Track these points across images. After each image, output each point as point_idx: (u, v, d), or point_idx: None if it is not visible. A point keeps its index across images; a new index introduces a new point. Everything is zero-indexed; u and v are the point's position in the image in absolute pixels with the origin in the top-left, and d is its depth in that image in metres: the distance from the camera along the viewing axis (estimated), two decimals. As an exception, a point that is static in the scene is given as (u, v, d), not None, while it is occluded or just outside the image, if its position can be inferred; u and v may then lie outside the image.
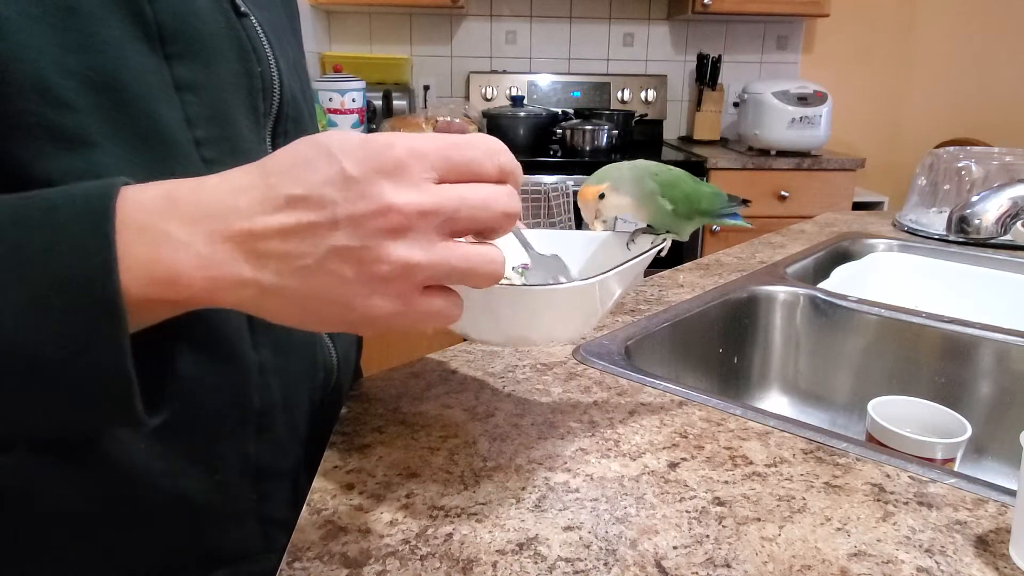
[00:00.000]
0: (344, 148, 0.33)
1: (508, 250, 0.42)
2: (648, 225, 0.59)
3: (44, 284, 0.31)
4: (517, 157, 0.39)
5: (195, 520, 0.50)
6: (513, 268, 0.59)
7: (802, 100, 2.52)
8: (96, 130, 0.42)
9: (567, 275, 0.54)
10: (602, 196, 0.53)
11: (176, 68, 0.46)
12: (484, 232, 0.36)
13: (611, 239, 0.60)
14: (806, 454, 0.56)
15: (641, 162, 0.57)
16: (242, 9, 0.52)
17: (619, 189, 0.54)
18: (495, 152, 0.36)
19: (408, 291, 0.34)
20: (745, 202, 0.60)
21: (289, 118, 0.57)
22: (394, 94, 2.71)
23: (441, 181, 0.34)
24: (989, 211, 0.81)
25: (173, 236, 0.32)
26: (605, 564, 0.43)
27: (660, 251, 0.54)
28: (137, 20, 0.44)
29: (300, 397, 0.57)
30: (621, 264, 0.47)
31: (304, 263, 0.33)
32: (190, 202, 0.33)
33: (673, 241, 0.58)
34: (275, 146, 0.56)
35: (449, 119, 0.46)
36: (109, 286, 0.31)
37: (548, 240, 0.61)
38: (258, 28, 0.54)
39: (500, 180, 0.36)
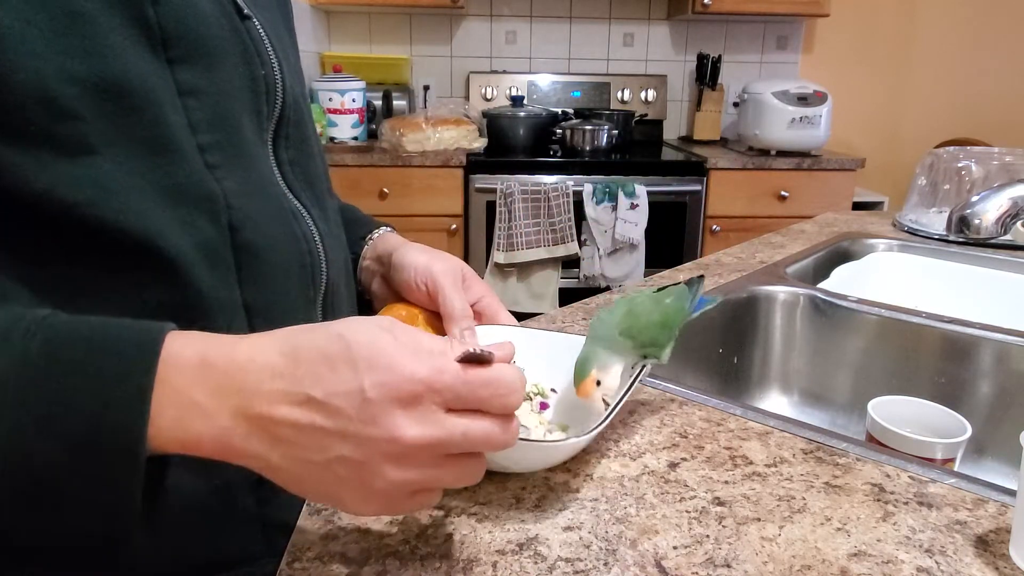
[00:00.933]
0: (370, 363, 0.35)
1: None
2: None
3: (81, 425, 0.34)
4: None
5: (196, 526, 0.50)
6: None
7: (802, 100, 2.52)
8: (100, 137, 0.41)
9: None
10: (598, 383, 0.54)
11: (179, 72, 0.46)
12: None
13: None
14: (806, 454, 0.56)
15: (598, 324, 0.56)
16: (245, 12, 0.52)
17: (606, 367, 0.54)
18: (504, 395, 0.38)
19: (397, 498, 0.38)
20: (700, 278, 0.61)
21: (291, 121, 0.56)
22: (394, 94, 2.71)
23: (449, 411, 0.37)
24: (989, 211, 0.81)
25: (201, 406, 0.36)
26: (605, 564, 0.43)
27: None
28: (140, 24, 0.43)
29: None
30: (613, 408, 0.50)
31: (309, 457, 0.36)
32: (222, 373, 0.36)
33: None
34: (276, 149, 0.55)
35: (473, 350, 0.46)
36: (138, 443, 0.35)
37: (533, 339, 0.62)
38: (260, 30, 0.53)
39: (504, 414, 0.38)
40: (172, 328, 0.37)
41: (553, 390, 0.60)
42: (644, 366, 0.55)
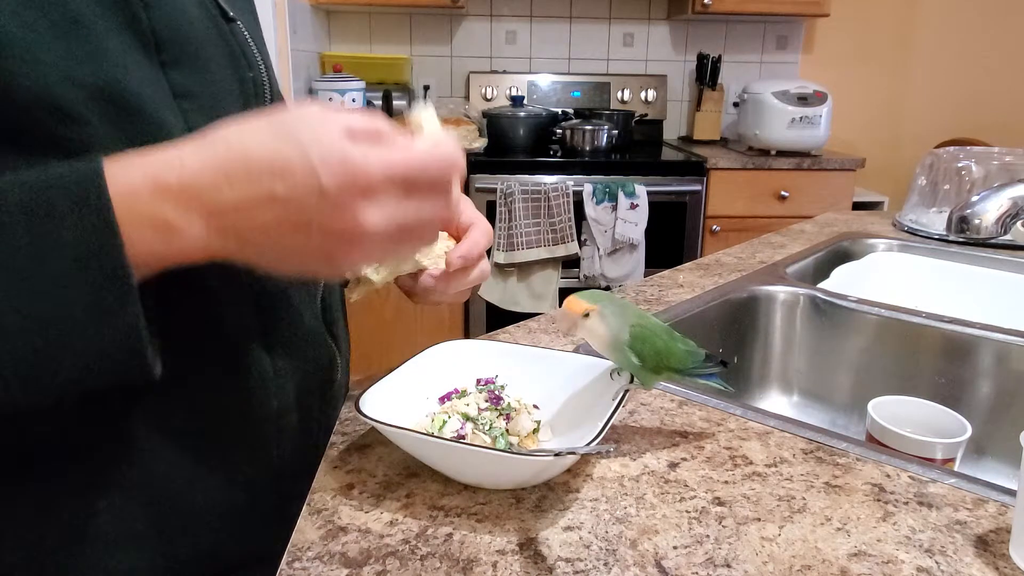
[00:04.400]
0: (324, 158, 0.37)
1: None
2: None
3: (64, 264, 0.35)
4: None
5: (220, 525, 0.51)
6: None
7: (802, 100, 2.52)
8: (105, 142, 0.41)
9: None
10: (587, 315, 0.53)
11: (172, 76, 0.46)
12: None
13: (589, 366, 0.60)
14: (806, 454, 0.56)
15: (630, 306, 0.56)
16: (230, 15, 0.52)
17: (605, 320, 0.53)
18: (452, 166, 0.41)
19: (362, 262, 0.41)
20: (724, 363, 0.57)
21: None
22: (394, 94, 2.71)
23: (402, 195, 0.39)
24: (989, 211, 0.81)
25: (173, 224, 0.37)
26: (605, 564, 0.43)
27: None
28: (133, 28, 0.43)
29: (310, 396, 0.57)
30: (604, 427, 0.50)
31: (277, 247, 0.39)
32: (179, 190, 0.37)
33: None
34: None
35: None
36: (118, 258, 0.36)
37: (519, 355, 0.63)
38: (245, 33, 0.54)
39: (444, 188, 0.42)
40: (100, 159, 0.37)
41: (536, 406, 0.60)
42: (627, 390, 0.54)
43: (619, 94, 2.93)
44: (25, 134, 0.39)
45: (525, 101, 2.75)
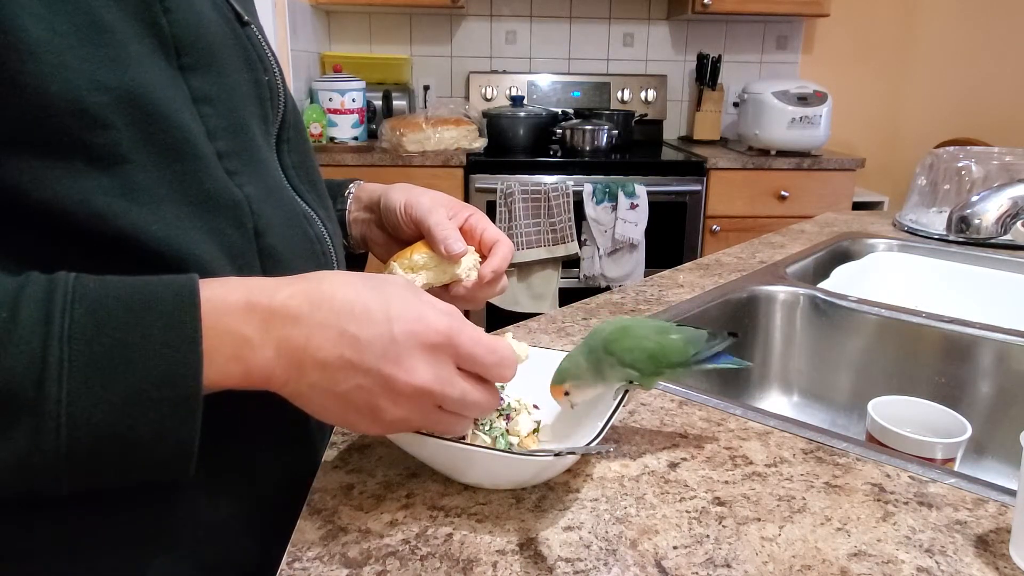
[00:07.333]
0: (401, 313, 0.42)
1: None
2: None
3: (141, 381, 0.37)
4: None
5: (238, 534, 0.51)
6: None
7: (802, 100, 2.52)
8: (130, 146, 0.42)
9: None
10: (566, 393, 0.54)
11: (192, 80, 0.46)
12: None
13: None
14: (806, 454, 0.56)
15: (598, 331, 0.54)
16: (245, 19, 0.53)
17: (580, 384, 0.53)
18: (505, 366, 0.45)
19: (399, 428, 0.44)
20: (733, 335, 0.55)
21: (291, 125, 0.57)
22: (394, 94, 2.71)
23: (459, 369, 0.44)
24: (989, 211, 0.81)
25: (251, 340, 0.40)
26: (605, 564, 0.43)
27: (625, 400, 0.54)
28: (153, 32, 0.43)
29: None
30: (604, 427, 0.49)
31: (333, 388, 0.41)
32: (268, 309, 0.41)
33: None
34: (280, 154, 0.56)
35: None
36: (195, 386, 0.38)
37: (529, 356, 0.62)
38: (259, 36, 0.54)
39: (490, 380, 0.46)
40: (198, 278, 0.40)
41: (536, 406, 0.59)
42: (627, 391, 0.54)
43: (619, 94, 2.93)
44: (54, 140, 0.39)
45: (525, 101, 2.76)
